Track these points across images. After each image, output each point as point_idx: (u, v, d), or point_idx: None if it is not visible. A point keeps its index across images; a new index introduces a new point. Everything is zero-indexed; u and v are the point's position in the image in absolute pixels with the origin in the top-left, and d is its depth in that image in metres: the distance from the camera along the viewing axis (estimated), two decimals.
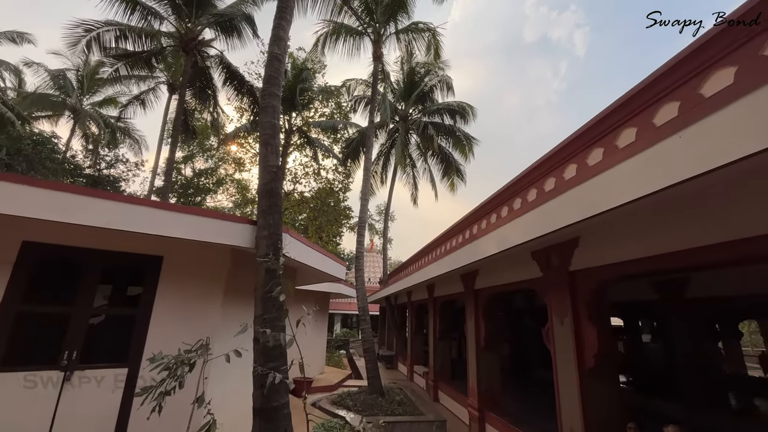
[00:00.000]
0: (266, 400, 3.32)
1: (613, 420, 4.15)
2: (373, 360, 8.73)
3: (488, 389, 7.19)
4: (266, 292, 3.58)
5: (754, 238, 2.66)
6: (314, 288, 10.78)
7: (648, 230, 3.52)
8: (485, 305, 7.33)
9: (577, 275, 4.54)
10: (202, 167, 27.04)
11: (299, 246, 4.95)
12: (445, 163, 17.73)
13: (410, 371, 13.46)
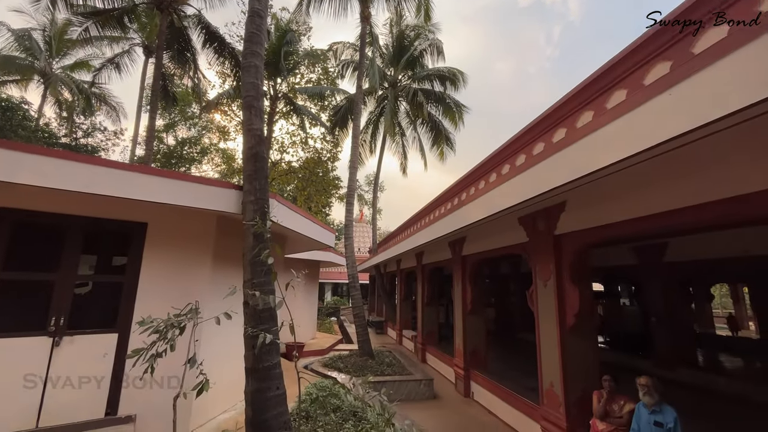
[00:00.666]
0: (258, 360, 3.39)
1: (590, 373, 4.41)
2: (363, 325, 8.96)
3: (474, 350, 7.51)
4: (254, 257, 3.56)
5: (728, 200, 2.73)
6: (304, 256, 10.84)
7: (630, 194, 3.58)
8: (472, 271, 7.50)
9: (562, 239, 4.64)
10: (186, 136, 26.18)
11: (287, 212, 4.90)
12: (434, 131, 17.50)
13: (399, 335, 13.92)
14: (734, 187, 2.71)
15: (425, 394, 7.16)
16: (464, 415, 6.29)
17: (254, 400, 3.32)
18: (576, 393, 4.37)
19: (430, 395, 7.19)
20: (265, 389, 3.35)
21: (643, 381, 3.56)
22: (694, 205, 2.99)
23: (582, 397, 4.34)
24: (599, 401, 3.90)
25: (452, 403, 6.92)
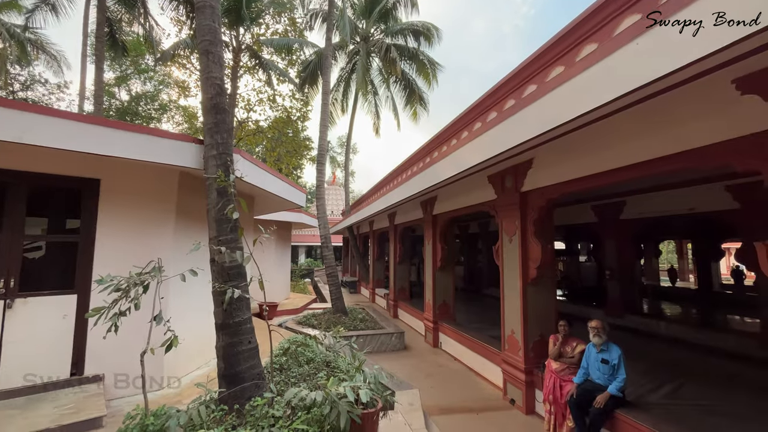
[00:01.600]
0: (228, 316, 3.38)
1: (548, 320, 4.75)
2: (336, 284, 9.11)
3: (442, 304, 7.87)
4: (219, 213, 3.44)
5: (675, 155, 2.87)
6: (275, 217, 10.67)
7: (590, 152, 3.70)
8: (442, 229, 7.68)
9: (528, 195, 4.78)
10: (141, 91, 24.16)
11: (253, 168, 4.72)
12: (408, 90, 17.06)
13: (372, 294, 14.33)
14: (680, 143, 2.84)
15: (396, 345, 7.52)
16: (432, 363, 6.70)
17: (225, 354, 3.34)
18: (534, 338, 4.72)
19: (401, 347, 7.56)
20: (237, 344, 3.38)
21: (593, 324, 3.88)
22: (644, 160, 3.14)
23: (539, 342, 4.70)
24: (555, 344, 4.25)
25: (422, 353, 7.34)
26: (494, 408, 4.77)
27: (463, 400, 5.03)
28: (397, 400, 4.09)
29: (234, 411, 3.08)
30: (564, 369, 4.07)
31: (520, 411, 4.62)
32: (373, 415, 2.72)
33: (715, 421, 4.07)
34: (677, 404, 4.59)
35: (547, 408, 4.02)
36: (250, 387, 3.29)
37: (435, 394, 5.24)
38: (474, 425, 4.28)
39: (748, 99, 2.39)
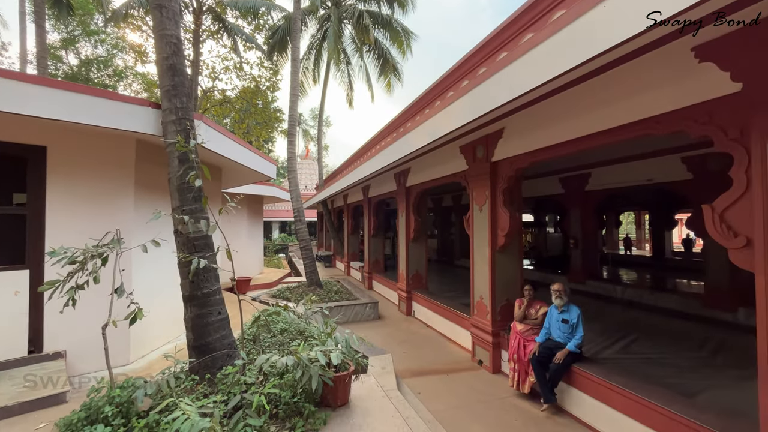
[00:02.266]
0: (196, 287, 3.30)
1: (515, 286, 4.95)
2: (310, 257, 9.08)
3: (415, 274, 8.04)
4: (181, 182, 3.28)
5: (636, 122, 2.96)
6: (245, 190, 10.35)
7: (556, 122, 3.77)
8: (415, 201, 7.73)
9: (498, 165, 4.85)
10: (92, 55, 22.15)
11: (217, 136, 4.50)
12: (381, 59, 16.58)
13: (347, 267, 14.43)
14: (641, 111, 2.94)
15: (371, 315, 7.68)
16: (406, 331, 6.91)
17: (194, 325, 3.29)
18: (501, 303, 4.94)
19: (375, 316, 7.73)
20: (206, 315, 3.32)
21: (555, 287, 4.09)
22: (607, 129, 3.23)
23: (506, 306, 4.92)
24: (520, 307, 4.46)
25: (395, 322, 7.54)
26: (463, 369, 5.02)
27: (434, 363, 5.25)
28: (371, 365, 4.22)
29: (205, 380, 3.07)
30: (528, 330, 4.30)
31: (487, 371, 4.89)
32: (345, 378, 2.79)
33: (658, 371, 4.48)
34: (628, 358, 5.00)
35: (512, 366, 4.27)
36: (222, 357, 3.27)
37: (407, 358, 5.44)
38: (443, 385, 4.50)
39: (705, 67, 2.47)
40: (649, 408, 2.98)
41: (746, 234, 2.30)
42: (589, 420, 3.54)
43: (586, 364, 3.76)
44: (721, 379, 4.29)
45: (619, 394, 3.22)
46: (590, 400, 3.52)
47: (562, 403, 3.84)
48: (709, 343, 5.55)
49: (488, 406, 3.98)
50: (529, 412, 3.84)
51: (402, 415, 2.88)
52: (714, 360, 4.89)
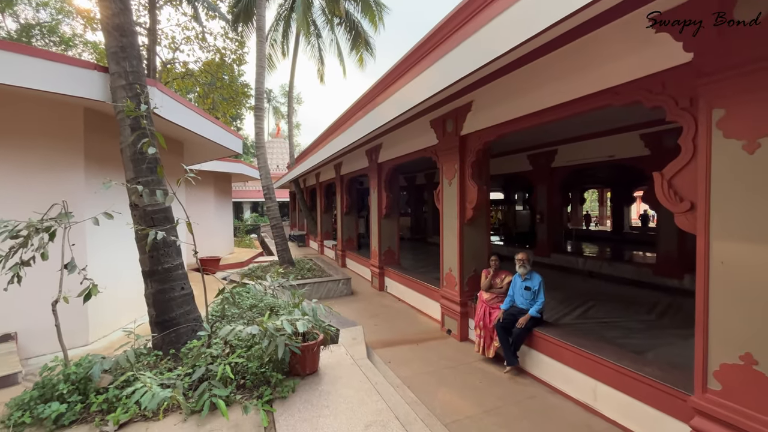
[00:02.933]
0: (156, 262, 3.18)
1: (482, 257, 5.10)
2: (281, 235, 8.94)
3: (388, 250, 8.12)
4: (135, 152, 3.09)
5: (598, 93, 3.03)
6: (212, 168, 9.95)
7: (522, 95, 3.82)
8: (387, 177, 7.71)
9: (467, 139, 4.88)
10: (33, 20, 20.10)
11: (175, 105, 4.24)
12: (353, 32, 16.05)
13: (321, 246, 14.37)
14: (600, 82, 3.01)
15: (344, 291, 7.74)
16: (378, 305, 7.02)
17: (156, 301, 3.18)
18: (469, 274, 5.09)
19: (348, 292, 7.79)
20: (168, 290, 3.22)
21: (519, 257, 4.25)
22: (569, 100, 3.30)
23: (473, 277, 5.08)
24: (486, 277, 4.61)
25: (368, 297, 7.64)
26: (433, 338, 5.18)
27: (405, 334, 5.39)
28: (341, 336, 4.27)
29: (169, 356, 3.01)
30: (493, 298, 4.47)
31: (455, 339, 5.07)
32: (314, 347, 2.81)
33: (611, 333, 4.80)
34: (585, 322, 5.32)
35: (478, 333, 4.45)
36: (187, 332, 3.20)
37: (379, 330, 5.55)
38: (413, 354, 4.64)
39: (660, 37, 2.54)
40: (599, 364, 3.20)
41: (690, 199, 2.45)
42: (546, 378, 3.78)
43: (546, 328, 3.98)
44: (667, 338, 4.66)
45: (574, 353, 3.44)
46: (548, 360, 3.75)
47: (524, 364, 4.07)
48: (658, 306, 6.00)
49: (455, 370, 4.16)
50: (493, 375, 4.04)
51: (370, 381, 2.95)
52: (661, 322, 5.30)
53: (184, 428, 2.24)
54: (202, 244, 3.18)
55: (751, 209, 2.14)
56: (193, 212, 3.45)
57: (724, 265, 2.26)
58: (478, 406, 3.40)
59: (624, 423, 3.02)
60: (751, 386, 2.14)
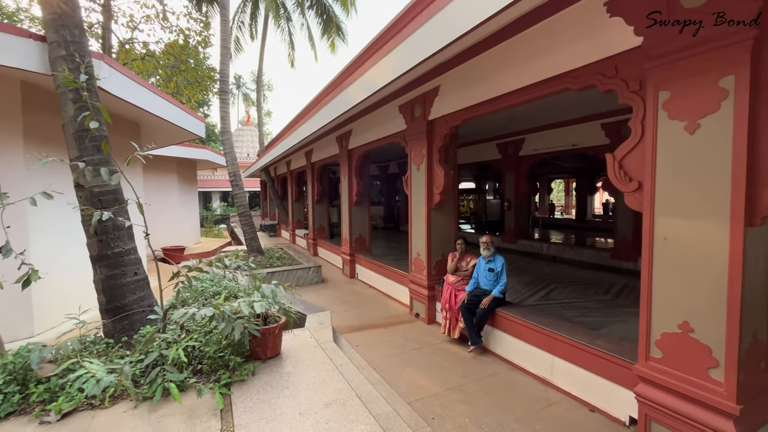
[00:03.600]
0: (105, 246, 3.00)
1: (449, 241, 5.17)
2: (249, 223, 8.71)
3: (359, 237, 8.10)
4: (78, 127, 2.87)
5: (558, 76, 3.10)
6: (174, 153, 9.50)
7: (489, 76, 3.85)
8: (357, 164, 7.64)
9: (434, 123, 4.89)
10: None
11: (126, 82, 3.97)
12: (324, 17, 15.64)
13: (292, 236, 14.15)
14: (559, 66, 3.08)
15: (314, 279, 7.66)
16: (348, 292, 7.01)
17: (106, 287, 3.02)
18: (437, 258, 5.15)
19: (319, 280, 7.73)
20: (119, 275, 3.05)
21: (484, 239, 4.34)
22: (531, 84, 3.36)
23: (441, 261, 5.15)
24: (453, 260, 4.69)
25: (339, 284, 7.61)
26: (401, 322, 5.24)
27: (374, 319, 5.41)
28: (308, 321, 4.24)
29: (121, 343, 2.87)
30: (459, 281, 4.56)
31: (423, 322, 5.15)
32: (275, 330, 2.76)
33: (570, 312, 5.03)
34: (546, 303, 5.54)
35: (444, 315, 4.53)
36: (141, 319, 3.06)
37: (348, 316, 5.54)
38: (381, 337, 4.68)
39: (614, 21, 2.62)
40: (556, 339, 3.34)
41: (638, 178, 2.56)
42: (508, 356, 3.91)
43: (509, 308, 4.10)
44: (620, 315, 4.94)
45: (534, 330, 3.57)
46: (510, 338, 3.88)
47: (487, 344, 4.19)
48: (614, 287, 6.34)
49: (421, 352, 4.23)
50: (457, 354, 4.14)
51: (334, 363, 2.94)
52: (616, 301, 5.61)
53: (134, 415, 2.15)
54: (165, 232, 3.00)
55: (690, 187, 2.26)
56: (155, 199, 3.29)
57: (667, 241, 2.39)
58: (442, 385, 3.47)
59: (577, 394, 3.18)
60: (687, 352, 2.29)
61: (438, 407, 3.11)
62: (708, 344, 2.20)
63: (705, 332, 2.22)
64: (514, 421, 2.91)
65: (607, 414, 2.93)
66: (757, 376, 2.24)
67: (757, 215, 2.04)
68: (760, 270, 2.18)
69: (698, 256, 2.24)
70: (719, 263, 2.14)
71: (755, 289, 2.16)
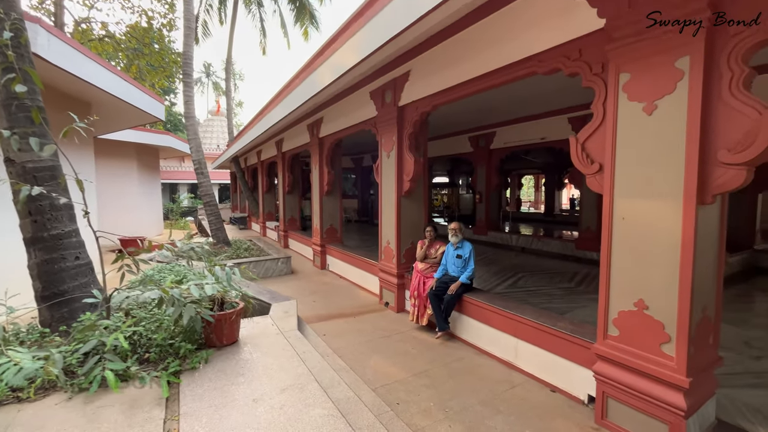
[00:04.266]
0: (40, 228, 2.73)
1: (419, 229, 5.13)
2: (215, 213, 8.37)
3: (330, 228, 7.95)
4: (7, 95, 2.58)
5: (524, 59, 3.10)
6: (133, 138, 8.95)
7: (457, 60, 3.80)
8: (329, 153, 7.47)
9: (405, 109, 4.82)
10: None
11: (67, 50, 3.62)
12: (297, 2, 15.20)
13: (263, 228, 13.77)
14: (527, 49, 3.07)
15: (283, 270, 7.46)
16: (318, 282, 6.87)
17: (42, 272, 2.75)
18: (407, 246, 5.11)
19: (288, 271, 7.53)
20: (57, 260, 2.79)
21: (452, 226, 4.33)
22: (499, 67, 3.34)
23: (410, 249, 5.11)
24: (422, 247, 4.66)
25: (309, 275, 7.45)
26: (370, 311, 5.17)
27: (343, 308, 5.31)
28: (273, 310, 4.09)
29: (58, 333, 2.63)
30: (428, 268, 4.53)
31: (392, 311, 5.11)
32: (231, 316, 2.61)
33: (536, 299, 5.13)
34: (513, 291, 5.63)
35: (413, 302, 4.50)
36: (83, 307, 2.82)
37: (316, 306, 5.42)
38: (349, 326, 4.59)
39: (580, 3, 2.62)
40: (521, 323, 3.37)
41: (599, 161, 2.59)
42: (475, 341, 3.93)
43: (476, 294, 4.11)
44: (582, 302, 5.09)
45: (499, 315, 3.59)
46: (476, 323, 3.89)
47: (455, 329, 4.19)
48: (577, 276, 6.54)
49: (389, 339, 4.17)
50: (425, 341, 4.12)
51: (296, 350, 2.83)
52: (579, 288, 5.78)
53: (67, 407, 1.96)
54: (123, 222, 2.75)
55: (647, 167, 2.30)
56: (111, 186, 3.00)
57: (625, 221, 2.43)
58: (408, 371, 3.43)
59: (540, 375, 3.22)
60: (642, 329, 2.35)
61: (403, 392, 3.07)
62: (661, 320, 2.26)
63: (658, 309, 2.28)
64: (478, 404, 2.91)
65: (567, 393, 2.98)
66: (705, 351, 2.33)
67: (708, 194, 2.10)
68: (710, 248, 2.25)
69: (653, 235, 2.29)
70: (673, 241, 2.20)
71: (705, 266, 2.23)
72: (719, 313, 2.41)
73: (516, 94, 6.72)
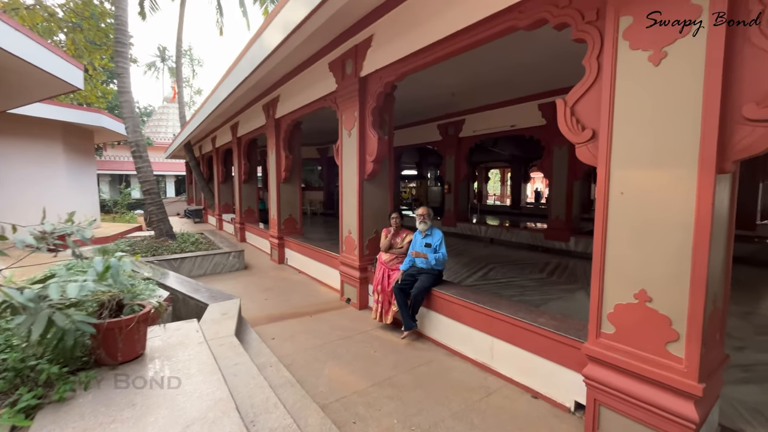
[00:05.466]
0: None
1: (384, 217, 4.61)
2: (157, 203, 7.44)
3: (288, 219, 7.27)
4: None
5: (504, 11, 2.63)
6: (58, 116, 7.75)
7: (426, 20, 3.29)
8: (286, 135, 6.77)
9: (367, 80, 4.26)
10: None
11: None
12: None
13: (219, 221, 12.76)
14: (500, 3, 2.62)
15: (235, 265, 6.71)
16: (274, 278, 6.20)
17: None
18: (370, 236, 4.59)
19: (241, 266, 6.79)
20: None
21: (420, 212, 3.85)
22: (470, 24, 2.88)
23: (374, 239, 4.60)
24: (387, 236, 4.14)
25: (264, 270, 6.74)
26: (330, 309, 4.60)
27: (299, 307, 4.71)
28: (207, 312, 3.42)
29: None
30: (393, 259, 4.03)
31: (354, 307, 4.57)
32: (128, 324, 1.95)
33: (508, 292, 4.77)
34: (484, 283, 5.26)
35: (376, 298, 3.98)
36: None
37: (268, 305, 4.78)
38: (303, 327, 4.00)
39: None
40: (496, 319, 2.94)
41: (592, 126, 2.17)
42: (445, 341, 3.48)
43: (446, 287, 3.66)
44: (556, 293, 4.80)
45: (472, 310, 3.15)
46: (447, 320, 3.44)
47: (422, 328, 3.73)
48: (549, 266, 6.31)
49: (349, 341, 3.64)
50: (389, 342, 3.62)
51: (221, 364, 2.22)
52: (551, 279, 5.52)
53: None
54: (49, 214, 2.08)
55: (652, 131, 1.90)
56: (26, 171, 2.21)
57: (624, 196, 2.03)
58: (369, 379, 2.92)
59: (519, 379, 2.82)
60: (644, 325, 1.96)
61: (362, 407, 2.55)
62: (667, 315, 1.88)
63: (664, 301, 1.89)
64: (449, 417, 2.44)
65: (551, 400, 2.59)
66: (714, 350, 1.98)
67: (728, 160, 1.71)
68: (722, 226, 1.89)
69: (659, 213, 1.89)
70: (684, 219, 1.81)
71: (719, 248, 1.87)
72: (726, 302, 2.07)
73: (486, 80, 6.36)
